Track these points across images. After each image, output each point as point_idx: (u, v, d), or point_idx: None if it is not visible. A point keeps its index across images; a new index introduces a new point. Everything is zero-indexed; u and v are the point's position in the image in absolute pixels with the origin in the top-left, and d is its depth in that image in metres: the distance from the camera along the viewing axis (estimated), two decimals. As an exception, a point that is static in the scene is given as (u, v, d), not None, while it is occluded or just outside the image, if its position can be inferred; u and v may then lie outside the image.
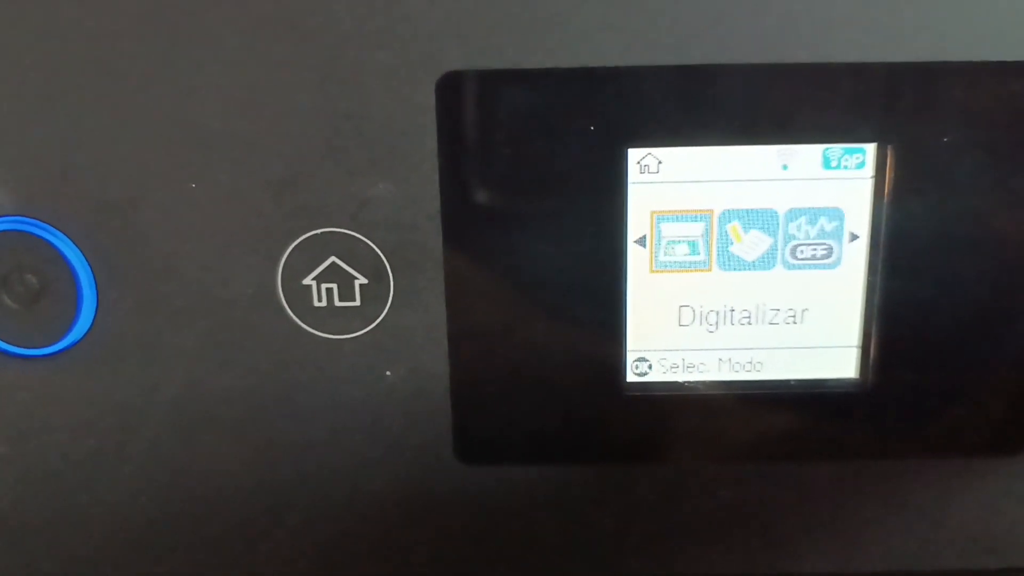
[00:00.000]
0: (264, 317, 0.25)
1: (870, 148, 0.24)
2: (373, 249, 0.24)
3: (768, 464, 0.26)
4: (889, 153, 0.23)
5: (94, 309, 0.25)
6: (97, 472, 0.27)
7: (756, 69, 0.23)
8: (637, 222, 0.24)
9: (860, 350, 0.25)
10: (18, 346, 0.26)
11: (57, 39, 0.23)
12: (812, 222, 0.24)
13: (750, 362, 0.25)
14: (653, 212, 0.24)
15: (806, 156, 0.24)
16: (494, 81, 0.23)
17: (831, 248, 0.24)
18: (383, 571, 0.27)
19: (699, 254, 0.24)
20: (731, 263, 0.24)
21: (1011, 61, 0.22)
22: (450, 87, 0.23)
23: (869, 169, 0.24)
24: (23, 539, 0.28)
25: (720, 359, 0.25)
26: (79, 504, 0.27)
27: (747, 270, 0.24)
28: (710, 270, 0.25)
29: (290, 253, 0.25)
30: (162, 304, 0.25)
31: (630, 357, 0.26)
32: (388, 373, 0.26)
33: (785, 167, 0.24)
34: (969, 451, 0.26)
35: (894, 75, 0.23)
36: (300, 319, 0.25)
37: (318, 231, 0.24)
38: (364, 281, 0.25)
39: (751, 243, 0.24)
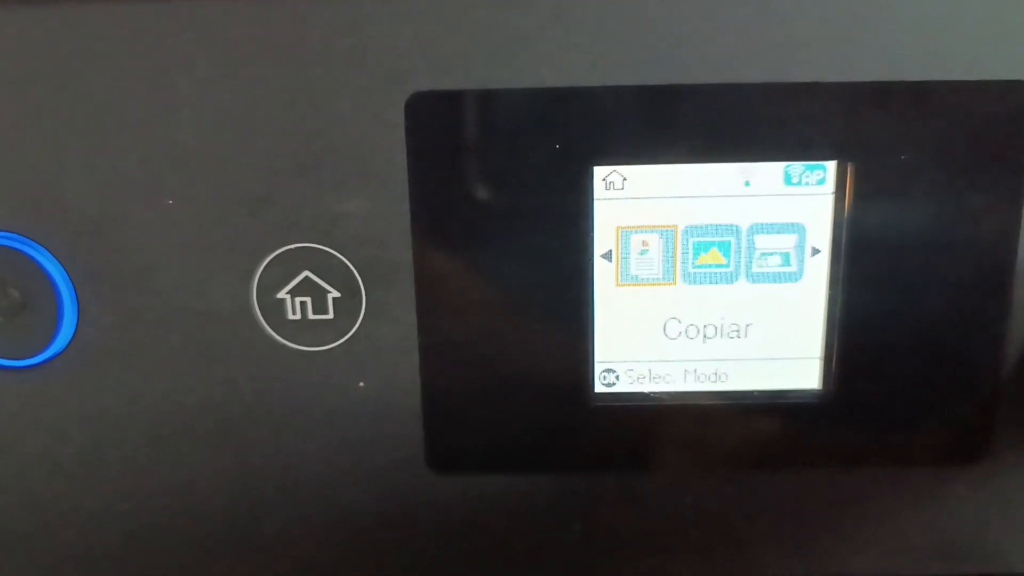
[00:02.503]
0: (240, 330, 0.26)
1: (830, 165, 0.24)
2: (346, 264, 0.25)
3: (733, 473, 0.27)
4: (849, 170, 0.24)
5: (75, 322, 0.26)
6: (76, 480, 0.27)
7: (718, 89, 0.23)
8: (603, 237, 0.25)
9: (823, 361, 0.26)
10: (1, 357, 0.26)
11: (38, 62, 0.24)
12: (774, 237, 0.25)
13: (715, 373, 0.26)
14: (619, 227, 0.25)
15: (768, 173, 0.24)
16: (462, 101, 0.24)
17: (793, 262, 0.25)
18: None
19: (664, 268, 0.25)
20: (695, 277, 0.25)
21: (964, 80, 0.23)
22: (419, 107, 0.24)
23: (830, 185, 0.24)
24: (4, 546, 0.28)
25: (686, 370, 0.26)
26: (59, 512, 0.27)
27: (711, 284, 0.25)
28: (675, 283, 0.25)
29: (265, 267, 0.25)
30: (141, 317, 0.26)
31: (598, 368, 0.26)
32: (361, 384, 0.26)
33: (747, 183, 0.24)
34: (930, 459, 0.26)
35: (853, 94, 0.23)
36: (275, 331, 0.26)
37: (292, 246, 0.25)
38: (337, 295, 0.25)
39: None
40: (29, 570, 0.28)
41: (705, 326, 0.25)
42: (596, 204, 0.24)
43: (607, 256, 0.25)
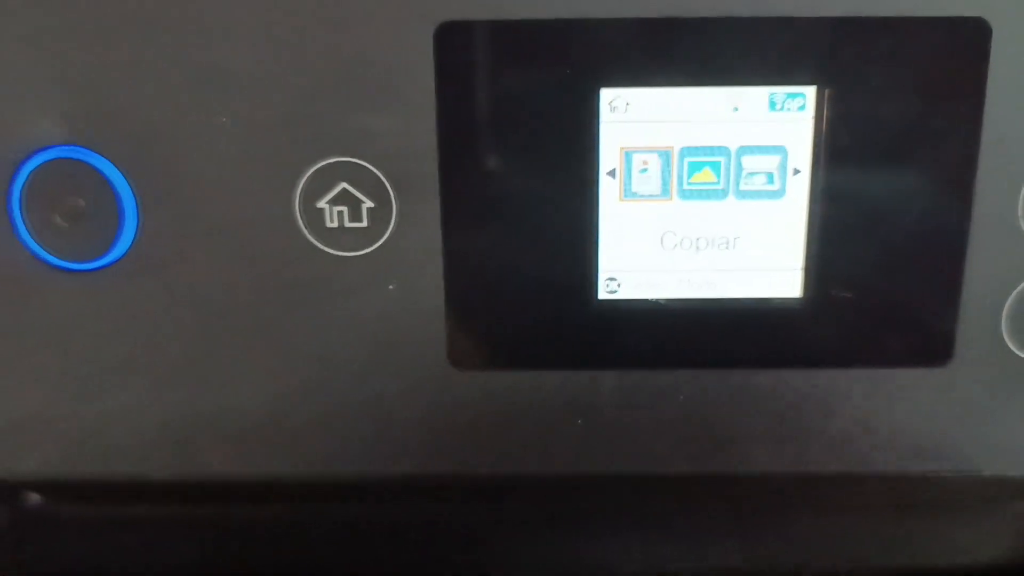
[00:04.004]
0: (284, 236, 0.29)
1: (810, 92, 0.28)
2: (379, 177, 0.29)
3: (721, 371, 0.30)
4: (827, 96, 0.27)
5: (135, 229, 0.30)
6: (131, 376, 0.31)
7: (711, 22, 0.27)
8: (608, 156, 0.28)
9: (803, 271, 0.29)
10: (66, 260, 0.30)
11: None
12: (760, 158, 0.28)
13: (706, 281, 0.29)
14: (622, 148, 0.28)
15: (754, 99, 0.28)
16: (485, 30, 0.28)
17: (777, 181, 0.28)
18: (383, 463, 0.31)
19: (662, 185, 0.28)
20: (689, 194, 0.28)
21: (928, 16, 0.27)
22: (446, 35, 0.27)
23: (809, 111, 0.28)
24: (66, 436, 0.32)
25: (680, 279, 0.29)
26: (115, 404, 0.31)
27: (703, 200, 0.28)
28: (671, 199, 0.29)
29: (306, 179, 0.29)
30: (195, 225, 0.30)
31: (601, 277, 0.30)
32: (391, 287, 0.30)
33: (736, 109, 0.28)
34: (901, 362, 0.30)
35: (829, 28, 0.27)
36: (315, 238, 0.29)
37: (331, 160, 0.29)
38: (371, 205, 0.29)
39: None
40: (85, 459, 0.32)
41: (698, 239, 0.29)
42: (602, 125, 0.28)
43: (611, 174, 0.29)
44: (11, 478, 0.34)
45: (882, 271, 0.29)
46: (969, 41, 0.27)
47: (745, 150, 0.28)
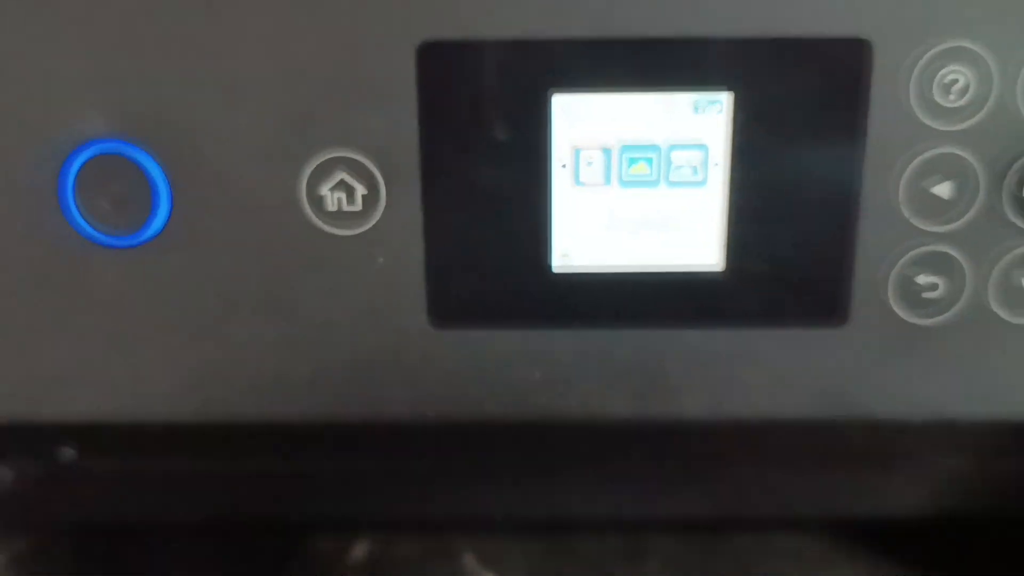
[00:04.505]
0: (291, 218, 0.35)
1: (726, 97, 0.33)
2: (371, 169, 0.34)
3: (656, 331, 0.36)
4: (739, 102, 0.33)
5: (168, 211, 0.35)
6: (161, 334, 0.36)
7: (646, 41, 0.33)
8: (560, 152, 0.34)
9: (723, 247, 0.35)
10: (109, 237, 0.35)
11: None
12: (686, 153, 0.34)
13: (643, 256, 0.35)
14: (572, 145, 0.34)
15: (681, 104, 0.33)
16: (459, 48, 0.33)
17: (700, 172, 0.34)
18: (375, 408, 0.37)
19: (605, 176, 0.34)
20: (628, 183, 0.34)
21: (820, 37, 0.32)
22: (427, 52, 0.33)
23: (726, 113, 0.33)
24: (106, 384, 0.37)
25: (621, 253, 0.35)
26: (147, 358, 0.36)
27: (640, 187, 0.34)
28: (613, 187, 0.34)
29: (311, 171, 0.34)
30: (218, 208, 0.35)
31: (555, 251, 0.35)
32: (380, 260, 0.35)
33: (669, 111, 0.33)
34: (806, 324, 0.36)
35: (742, 45, 0.33)
36: (318, 219, 0.34)
37: (332, 155, 0.34)
38: (364, 192, 0.34)
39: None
40: (114, 401, 0.37)
41: (635, 220, 0.35)
42: (554, 126, 0.34)
43: (564, 166, 0.34)
44: (60, 420, 0.39)
45: (788, 247, 0.35)
46: (854, 56, 0.32)
47: (674, 147, 0.34)
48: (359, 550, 0.55)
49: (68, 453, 0.51)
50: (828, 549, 0.54)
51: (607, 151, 0.34)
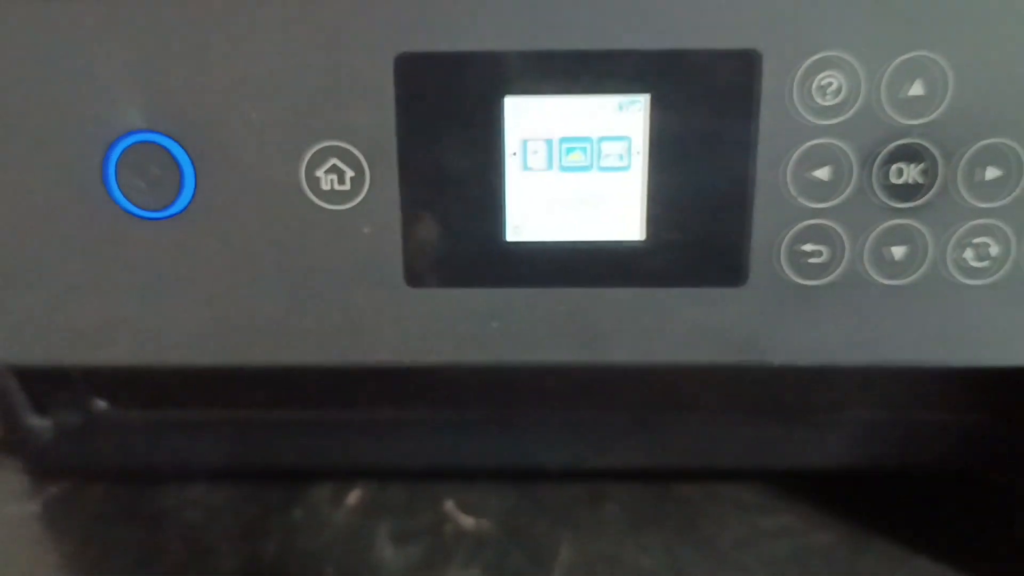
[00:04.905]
0: (293, 196, 0.39)
1: (644, 98, 0.38)
2: (357, 156, 0.38)
3: (590, 289, 0.40)
4: (655, 102, 0.38)
5: (192, 190, 0.39)
6: (186, 291, 0.40)
7: (580, 52, 0.37)
8: (512, 143, 0.38)
9: (643, 220, 0.39)
10: (144, 211, 0.39)
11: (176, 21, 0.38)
12: (613, 143, 0.39)
13: (579, 228, 0.40)
14: (521, 137, 0.39)
15: (609, 104, 0.38)
16: (430, 58, 0.37)
17: (625, 159, 0.39)
18: (359, 354, 0.41)
19: (548, 162, 0.39)
20: (567, 168, 0.39)
21: (719, 48, 0.37)
22: (404, 62, 0.37)
23: (645, 111, 0.38)
24: (138, 334, 0.41)
25: (562, 226, 0.40)
26: (174, 312, 0.40)
27: (576, 172, 0.39)
28: (554, 171, 0.39)
29: (309, 156, 0.38)
30: (233, 188, 0.38)
31: (508, 224, 0.39)
32: (366, 230, 0.39)
33: (598, 110, 0.38)
34: (713, 283, 0.40)
35: (656, 56, 0.37)
36: (315, 197, 0.39)
37: (325, 143, 0.38)
38: (352, 174, 0.38)
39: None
40: (144, 348, 0.41)
41: (573, 199, 0.40)
42: (506, 122, 0.38)
43: (514, 154, 0.38)
44: (100, 365, 0.43)
45: (697, 221, 0.39)
46: (747, 64, 0.37)
47: (603, 139, 0.39)
48: (353, 496, 0.58)
49: (99, 405, 0.55)
50: (764, 497, 0.56)
51: (549, 142, 0.39)
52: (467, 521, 0.56)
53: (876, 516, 0.55)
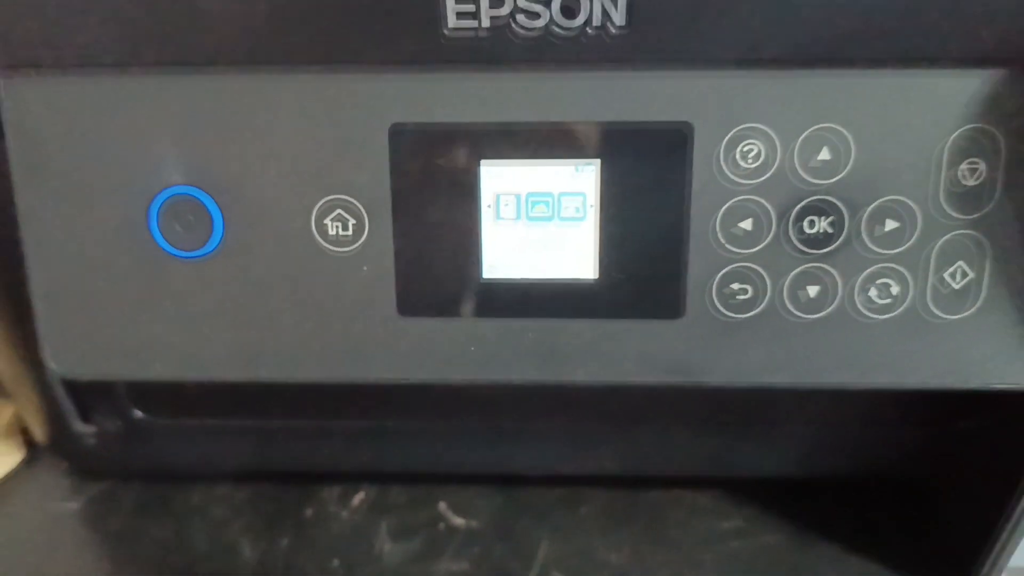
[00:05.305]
0: (305, 240, 0.44)
1: (596, 163, 0.43)
2: (359, 207, 0.43)
3: (553, 320, 0.45)
4: (605, 166, 0.43)
5: (221, 235, 0.44)
6: (215, 318, 0.45)
7: (542, 124, 0.43)
8: (487, 197, 0.43)
9: (596, 262, 0.44)
10: (181, 251, 0.44)
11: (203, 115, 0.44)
12: (571, 198, 0.45)
13: (543, 267, 0.44)
14: (495, 192, 0.44)
15: (567, 167, 0.43)
16: (419, 129, 0.42)
17: (581, 212, 0.44)
18: (359, 372, 0.46)
19: (517, 213, 0.45)
20: (533, 219, 0.45)
21: (656, 120, 0.42)
22: (396, 132, 0.42)
23: (596, 173, 0.43)
24: (175, 352, 0.46)
25: (528, 266, 0.44)
26: (205, 335, 0.46)
27: (541, 222, 0.45)
28: (523, 221, 0.44)
29: (318, 207, 0.43)
30: (255, 233, 0.44)
31: (485, 264, 0.44)
32: (365, 269, 0.44)
33: (559, 171, 0.44)
34: (655, 316, 0.44)
35: (604, 128, 0.42)
36: (322, 241, 0.44)
37: (332, 197, 0.43)
38: (354, 222, 0.43)
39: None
40: (181, 365, 0.46)
41: (538, 244, 0.44)
42: (482, 180, 0.43)
43: (489, 207, 0.44)
44: (144, 380, 0.48)
45: (641, 264, 0.44)
46: (682, 134, 0.42)
47: (563, 194, 0.44)
48: (358, 497, 0.61)
49: (137, 414, 0.57)
50: (720, 502, 0.60)
51: (518, 197, 0.44)
52: (458, 520, 0.59)
53: (818, 519, 0.58)
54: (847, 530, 0.57)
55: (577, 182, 0.44)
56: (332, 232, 0.45)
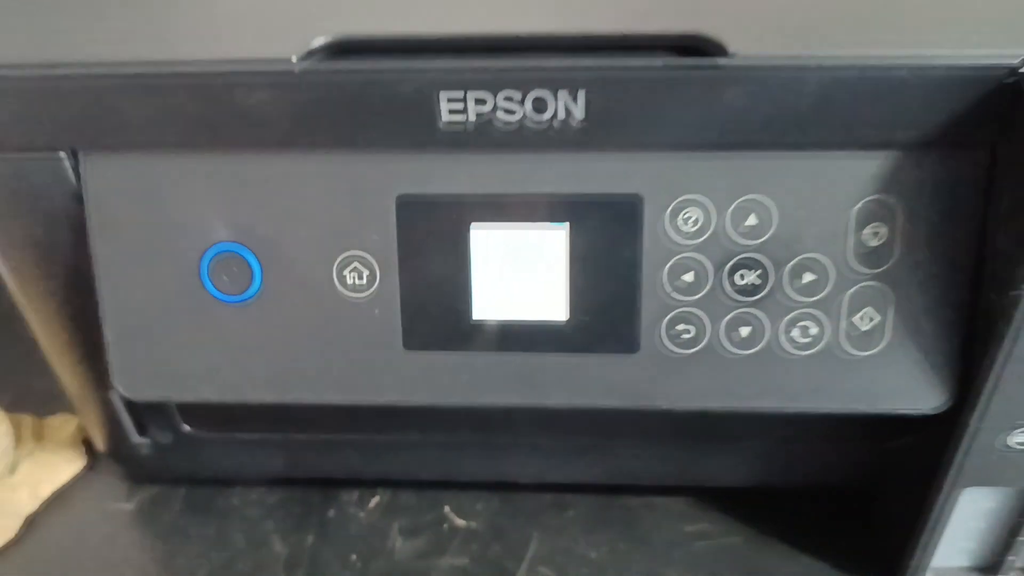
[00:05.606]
0: (327, 288, 0.48)
1: (566, 226, 0.47)
2: (371, 261, 0.48)
3: (531, 354, 0.50)
4: (572, 229, 0.47)
5: (259, 284, 0.49)
6: (253, 352, 0.49)
7: (517, 195, 0.47)
8: (477, 252, 0.48)
9: (566, 305, 0.48)
10: (226, 296, 0.49)
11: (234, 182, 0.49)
12: (545, 255, 0.49)
13: (521, 311, 0.49)
14: (483, 249, 0.48)
15: (542, 230, 0.48)
16: (422, 200, 0.47)
17: (554, 265, 0.48)
18: (369, 395, 0.50)
19: (504, 264, 0.48)
20: (513, 270, 0.53)
21: (613, 192, 0.48)
22: (403, 203, 0.47)
23: (566, 235, 0.47)
24: (216, 378, 0.50)
25: (511, 308, 0.49)
26: (245, 365, 0.50)
27: (522, 273, 0.48)
28: (507, 271, 0.48)
29: (339, 261, 0.48)
30: (288, 282, 0.48)
31: (474, 307, 0.48)
32: (376, 311, 0.48)
33: (535, 232, 0.48)
34: (615, 351, 0.49)
35: (572, 200, 0.47)
36: (342, 289, 0.48)
37: (350, 252, 0.48)
38: (368, 273, 0.48)
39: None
40: (222, 387, 0.51)
41: (519, 290, 0.49)
42: (472, 240, 0.47)
43: (479, 261, 0.47)
44: (190, 402, 0.54)
45: (603, 308, 0.48)
46: (633, 203, 0.46)
47: (539, 251, 0.48)
48: (374, 500, 0.65)
49: (185, 428, 0.60)
50: (688, 507, 0.64)
51: (502, 253, 0.48)
52: (460, 521, 0.62)
53: (773, 523, 0.61)
54: (798, 532, 0.60)
55: (550, 241, 0.48)
56: (350, 281, 0.49)
